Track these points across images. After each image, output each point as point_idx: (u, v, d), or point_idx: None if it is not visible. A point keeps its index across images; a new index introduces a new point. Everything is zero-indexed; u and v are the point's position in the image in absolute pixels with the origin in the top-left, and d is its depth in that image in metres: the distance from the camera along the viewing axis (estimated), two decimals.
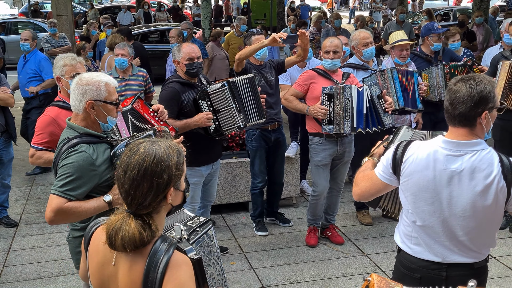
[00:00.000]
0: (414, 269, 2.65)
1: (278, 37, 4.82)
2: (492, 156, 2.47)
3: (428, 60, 5.99)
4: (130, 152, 1.93)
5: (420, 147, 2.56)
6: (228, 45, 10.30)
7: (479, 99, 2.40)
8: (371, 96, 4.89)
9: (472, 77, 2.46)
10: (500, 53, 5.58)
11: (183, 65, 4.49)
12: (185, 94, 4.47)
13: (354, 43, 5.44)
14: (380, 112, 4.90)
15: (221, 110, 4.50)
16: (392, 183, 2.65)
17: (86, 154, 2.80)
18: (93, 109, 2.90)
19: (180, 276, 1.86)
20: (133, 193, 1.89)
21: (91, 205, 2.81)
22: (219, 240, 5.41)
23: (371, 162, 2.88)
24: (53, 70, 3.93)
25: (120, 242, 1.85)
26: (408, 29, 11.92)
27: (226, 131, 4.56)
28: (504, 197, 2.47)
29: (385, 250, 5.16)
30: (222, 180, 5.93)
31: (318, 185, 5.15)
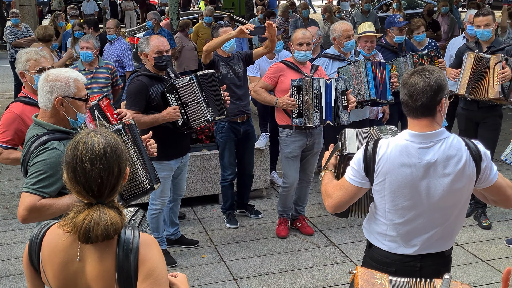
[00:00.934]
0: (388, 263, 2.68)
1: (245, 28, 4.81)
2: (458, 141, 2.56)
3: (394, 51, 6.07)
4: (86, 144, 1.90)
5: (389, 144, 2.57)
6: (197, 35, 10.22)
7: (437, 88, 2.49)
8: (336, 90, 4.92)
9: (424, 69, 2.54)
10: (465, 45, 5.66)
11: (152, 58, 4.44)
12: (153, 87, 4.42)
13: (336, 35, 5.42)
14: (339, 108, 4.94)
15: (189, 104, 4.47)
16: (365, 185, 2.63)
17: (58, 151, 2.76)
18: (62, 106, 2.84)
19: (154, 255, 1.91)
20: (105, 182, 1.90)
21: (64, 202, 2.77)
22: (190, 233, 5.40)
23: (329, 173, 2.85)
24: (16, 65, 3.82)
25: (102, 233, 1.84)
26: (373, 19, 12.00)
27: (195, 124, 4.54)
28: (474, 176, 2.57)
29: (354, 240, 5.23)
30: (192, 173, 5.91)
31: (288, 177, 5.18)
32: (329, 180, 2.80)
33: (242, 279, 4.60)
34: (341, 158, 2.86)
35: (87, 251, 1.90)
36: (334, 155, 2.93)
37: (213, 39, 5.15)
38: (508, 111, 9.78)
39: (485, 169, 2.56)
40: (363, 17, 11.86)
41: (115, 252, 1.89)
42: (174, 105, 4.40)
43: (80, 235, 1.86)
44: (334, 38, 5.44)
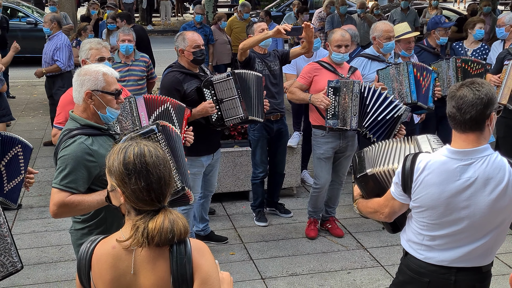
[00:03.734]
0: (423, 273, 2.67)
1: (282, 28, 4.77)
2: (502, 161, 2.49)
3: (435, 54, 5.94)
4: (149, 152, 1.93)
5: (428, 160, 2.53)
6: (231, 29, 10.19)
7: (487, 101, 2.42)
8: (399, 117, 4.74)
9: (473, 81, 2.47)
10: (507, 50, 5.52)
11: (190, 53, 4.45)
12: (187, 83, 4.44)
13: (376, 34, 5.31)
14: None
15: (224, 100, 4.47)
16: (407, 201, 2.62)
17: (84, 145, 2.79)
18: (91, 99, 2.87)
19: (207, 261, 1.94)
20: (164, 188, 1.93)
21: (94, 198, 2.79)
22: (219, 229, 5.42)
23: (361, 201, 2.89)
24: (79, 54, 4.02)
25: (181, 232, 1.89)
26: (413, 17, 11.80)
27: (228, 121, 4.54)
28: None
29: (385, 244, 5.17)
30: (223, 169, 5.92)
31: (320, 178, 5.14)
32: (366, 203, 2.84)
33: (269, 279, 4.60)
34: (357, 182, 2.90)
35: (139, 262, 1.91)
36: (353, 185, 2.97)
37: (248, 38, 5.13)
38: None
39: None
40: (403, 14, 11.66)
41: (169, 260, 1.90)
42: (209, 100, 4.41)
43: (162, 238, 1.87)
44: (374, 38, 5.33)
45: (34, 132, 8.55)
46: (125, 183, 1.90)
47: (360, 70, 5.26)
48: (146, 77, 6.44)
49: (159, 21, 21.95)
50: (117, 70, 6.05)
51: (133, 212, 1.94)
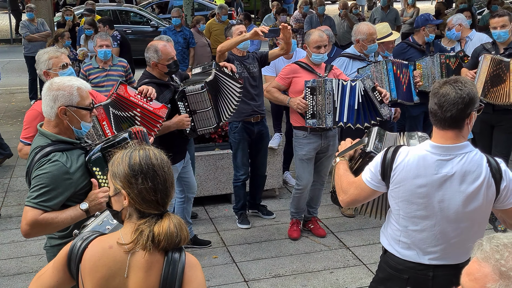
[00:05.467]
0: (402, 270, 2.70)
1: (260, 30, 4.79)
2: (480, 158, 2.52)
3: (421, 51, 6.01)
4: (154, 154, 1.96)
5: (409, 153, 2.57)
6: (210, 32, 10.18)
7: (469, 101, 2.44)
8: (365, 89, 4.82)
9: (456, 80, 2.49)
10: (482, 45, 5.58)
11: (164, 66, 4.39)
12: (161, 95, 4.35)
13: (360, 37, 5.35)
14: (376, 104, 4.87)
15: (197, 111, 4.46)
16: (380, 189, 2.67)
17: (60, 163, 2.71)
18: (65, 115, 2.80)
19: (198, 277, 1.96)
20: (169, 190, 1.96)
21: (67, 214, 2.73)
22: (201, 233, 5.41)
23: (344, 163, 2.89)
24: (37, 67, 3.81)
25: (185, 236, 1.93)
26: (394, 15, 11.87)
27: (201, 131, 4.55)
28: (493, 196, 2.53)
29: (367, 242, 5.20)
30: (204, 172, 5.91)
31: (302, 179, 5.15)
32: (345, 173, 2.84)
33: (253, 281, 4.60)
34: (362, 153, 2.90)
35: (133, 267, 1.91)
36: (356, 148, 2.96)
37: (226, 40, 5.13)
38: None
39: (505, 190, 2.52)
40: (383, 13, 11.74)
41: (161, 270, 1.91)
42: (183, 113, 4.38)
43: (169, 242, 1.89)
44: (358, 40, 5.37)
45: (12, 141, 8.43)
46: (131, 184, 1.92)
47: (342, 70, 5.29)
48: (125, 81, 6.39)
49: None
50: (95, 76, 6.18)
51: (136, 215, 1.95)
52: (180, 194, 4.93)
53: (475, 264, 1.39)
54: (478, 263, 1.38)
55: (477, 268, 1.38)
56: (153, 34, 13.97)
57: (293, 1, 20.45)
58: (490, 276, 1.34)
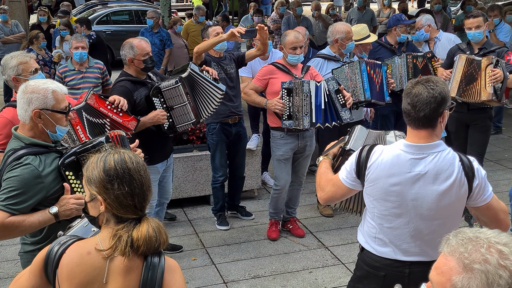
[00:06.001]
0: (378, 267, 2.73)
1: (236, 31, 4.78)
2: (452, 156, 2.56)
3: (392, 50, 6.06)
4: (129, 158, 1.94)
5: (383, 152, 2.60)
6: (187, 33, 10.14)
7: (441, 100, 2.48)
8: (329, 91, 4.90)
9: (428, 79, 2.53)
10: (457, 46, 5.65)
11: (140, 61, 4.37)
12: (136, 92, 4.35)
13: (339, 36, 5.37)
14: (338, 107, 4.92)
15: (174, 107, 4.43)
16: (356, 187, 2.70)
17: (32, 166, 2.67)
18: (40, 118, 2.75)
19: (178, 281, 1.94)
20: (146, 193, 1.94)
21: (35, 218, 2.67)
22: (180, 235, 5.39)
23: (327, 161, 2.93)
24: (4, 72, 3.67)
25: (164, 240, 1.90)
26: (370, 16, 11.96)
27: (180, 128, 4.51)
28: (466, 193, 2.57)
29: (345, 242, 5.22)
30: (182, 174, 5.88)
31: (280, 179, 5.16)
32: (325, 171, 2.88)
33: (232, 283, 4.59)
34: (342, 151, 2.95)
35: (112, 273, 1.89)
36: (337, 146, 3.01)
37: (203, 41, 5.11)
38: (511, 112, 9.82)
39: (477, 187, 2.55)
40: (359, 13, 11.82)
41: (141, 274, 1.89)
42: (159, 109, 4.36)
43: (148, 247, 1.87)
44: (337, 40, 5.39)
45: None
46: (107, 189, 1.88)
47: (318, 70, 5.32)
48: (101, 84, 6.34)
49: None
50: (70, 78, 6.11)
51: (113, 220, 1.92)
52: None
53: (442, 258, 1.43)
54: (444, 257, 1.42)
55: (443, 262, 1.42)
56: None
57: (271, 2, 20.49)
58: (455, 269, 1.37)
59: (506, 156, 7.58)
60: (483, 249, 1.36)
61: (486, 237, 1.38)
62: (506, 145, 7.97)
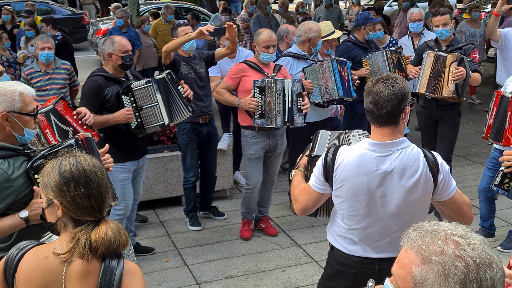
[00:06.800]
0: (348, 265, 2.74)
1: (205, 30, 4.75)
2: (417, 152, 2.59)
3: (364, 48, 6.10)
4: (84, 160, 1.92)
5: (349, 152, 2.61)
6: (156, 32, 10.04)
7: (402, 96, 2.51)
8: (292, 92, 4.90)
9: (388, 77, 2.55)
10: (425, 43, 5.72)
11: (118, 57, 4.34)
12: (108, 88, 4.33)
13: (312, 35, 5.38)
14: (294, 110, 4.92)
15: (143, 107, 4.38)
16: (326, 191, 2.70)
17: (1, 170, 2.60)
18: (7, 121, 2.68)
19: (137, 285, 1.91)
20: (104, 195, 1.92)
21: (5, 223, 2.60)
22: (152, 237, 5.33)
23: (299, 174, 2.93)
24: None
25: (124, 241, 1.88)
26: (337, 13, 12.05)
27: (149, 129, 4.45)
28: (431, 188, 2.60)
29: (318, 239, 5.24)
30: (154, 175, 5.82)
31: (252, 178, 5.15)
32: (298, 183, 2.88)
33: (205, 283, 4.55)
34: (309, 159, 2.95)
35: (69, 277, 1.87)
36: (304, 155, 3.00)
37: (172, 40, 5.06)
38: (467, 106, 9.98)
39: (442, 182, 2.59)
40: (327, 11, 11.88)
41: (98, 280, 1.86)
42: (128, 107, 4.31)
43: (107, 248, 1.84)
44: (309, 38, 5.39)
45: None
46: (63, 192, 1.87)
47: (288, 69, 5.32)
48: (68, 85, 6.23)
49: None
50: (37, 80, 5.98)
51: (71, 224, 1.90)
52: None
53: (403, 252, 1.45)
54: (405, 250, 1.44)
55: (404, 256, 1.44)
56: None
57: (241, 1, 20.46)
58: (415, 261, 1.39)
59: (474, 151, 7.71)
60: (440, 241, 1.38)
61: (443, 230, 1.41)
62: (474, 140, 8.10)
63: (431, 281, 1.35)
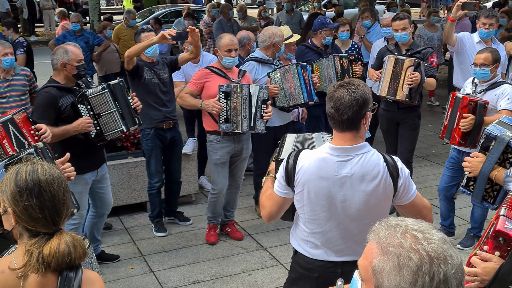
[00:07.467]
0: (312, 269, 2.76)
1: (167, 34, 4.74)
2: (377, 157, 2.61)
3: (318, 53, 6.18)
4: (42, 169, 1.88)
5: (310, 156, 2.63)
6: (118, 37, 9.94)
7: (363, 102, 2.52)
8: (258, 98, 4.94)
9: (349, 83, 2.56)
10: (386, 47, 5.84)
11: (73, 67, 4.25)
12: (62, 98, 4.22)
13: (276, 40, 5.42)
14: (257, 116, 4.96)
15: (102, 114, 4.33)
16: (289, 195, 2.70)
17: None
18: None
19: None
20: (66, 204, 1.89)
21: None
22: (117, 244, 5.28)
23: (270, 179, 2.93)
24: None
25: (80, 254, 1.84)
26: (298, 18, 12.13)
27: (109, 136, 4.39)
28: (391, 192, 2.63)
29: (283, 242, 5.27)
30: (118, 181, 5.76)
31: (217, 183, 5.15)
32: (266, 189, 2.88)
33: None
34: (276, 163, 2.94)
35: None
36: (272, 160, 3.01)
37: (134, 45, 5.03)
38: (427, 107, 10.22)
39: (402, 186, 2.62)
40: (288, 16, 11.97)
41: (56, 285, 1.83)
42: (86, 116, 4.25)
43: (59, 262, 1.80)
44: (274, 43, 5.44)
45: None
46: (17, 201, 1.83)
47: (253, 74, 5.36)
48: (29, 91, 6.11)
49: (43, 31, 20.98)
50: None
51: (26, 235, 1.86)
52: (93, 209, 4.76)
53: (368, 244, 1.51)
54: (369, 243, 1.50)
55: (368, 247, 1.50)
56: None
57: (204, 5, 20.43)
58: (376, 252, 1.45)
59: (433, 152, 7.90)
60: (399, 234, 1.44)
61: (406, 224, 1.47)
62: (433, 141, 8.30)
63: (387, 272, 1.40)
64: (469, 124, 4.42)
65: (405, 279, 1.37)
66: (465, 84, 5.04)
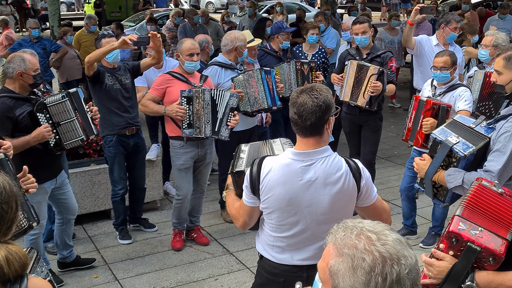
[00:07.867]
0: (277, 274, 2.76)
1: (128, 39, 4.70)
2: (339, 160, 2.64)
3: (278, 57, 6.22)
4: None
5: (273, 163, 2.63)
6: (79, 43, 9.81)
7: (325, 108, 2.53)
8: (227, 105, 4.94)
9: (312, 88, 2.56)
10: (347, 51, 5.90)
11: (30, 77, 4.16)
12: (19, 109, 4.13)
13: (239, 44, 5.41)
14: (223, 123, 4.96)
15: (61, 123, 4.26)
16: (256, 204, 2.70)
17: None
18: None
19: None
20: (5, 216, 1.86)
21: None
22: (81, 253, 5.19)
23: (230, 193, 2.93)
24: None
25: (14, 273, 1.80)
26: None
27: (68, 145, 4.33)
28: (355, 193, 2.66)
29: (249, 246, 5.28)
30: (81, 189, 5.67)
31: (182, 189, 5.13)
32: (232, 202, 2.88)
33: None
34: (232, 176, 2.93)
35: None
36: (228, 174, 2.99)
37: (95, 50, 4.97)
38: (389, 109, 10.39)
39: (364, 187, 2.66)
40: (251, 21, 12.01)
41: None
42: (44, 124, 4.17)
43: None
44: (236, 47, 5.44)
45: None
46: None
47: (216, 78, 5.35)
48: None
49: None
50: None
51: None
52: (58, 216, 4.69)
53: (326, 247, 1.53)
54: (328, 245, 1.53)
55: (326, 249, 1.52)
56: None
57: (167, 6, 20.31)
58: (332, 254, 1.48)
59: (395, 153, 8.03)
60: (354, 235, 1.46)
61: (361, 226, 1.49)
62: (395, 143, 8.44)
63: (342, 273, 1.42)
64: (430, 127, 4.52)
65: (358, 280, 1.39)
66: (424, 86, 5.15)
